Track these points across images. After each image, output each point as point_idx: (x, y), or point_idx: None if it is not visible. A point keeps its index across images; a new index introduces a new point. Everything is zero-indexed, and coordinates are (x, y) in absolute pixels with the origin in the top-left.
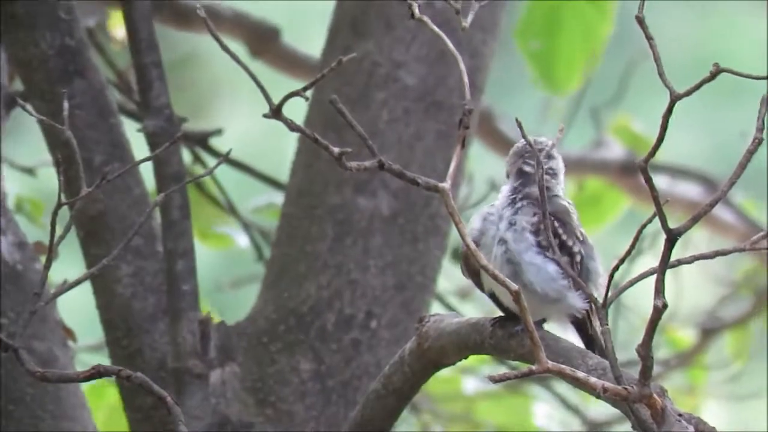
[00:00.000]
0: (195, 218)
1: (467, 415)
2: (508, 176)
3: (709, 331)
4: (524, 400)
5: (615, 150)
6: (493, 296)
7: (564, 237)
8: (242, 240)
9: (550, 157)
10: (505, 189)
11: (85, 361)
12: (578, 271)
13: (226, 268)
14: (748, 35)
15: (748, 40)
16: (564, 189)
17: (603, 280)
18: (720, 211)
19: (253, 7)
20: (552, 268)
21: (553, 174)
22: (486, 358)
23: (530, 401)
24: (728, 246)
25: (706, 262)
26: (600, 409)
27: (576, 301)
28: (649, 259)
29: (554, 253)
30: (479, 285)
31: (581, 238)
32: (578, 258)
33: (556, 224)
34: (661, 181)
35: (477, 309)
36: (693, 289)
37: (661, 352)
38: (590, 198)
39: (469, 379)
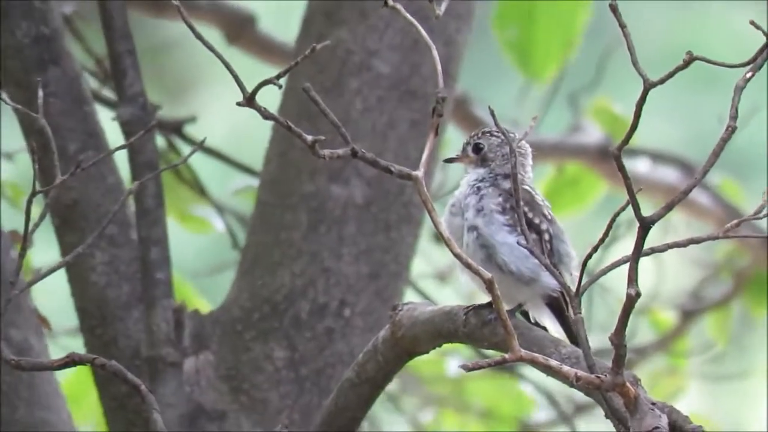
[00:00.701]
0: (172, 201)
1: (456, 396)
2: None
3: (689, 313)
4: (513, 381)
5: (593, 135)
6: None
7: (530, 215)
8: (219, 224)
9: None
10: (467, 177)
11: (64, 345)
12: (548, 251)
13: (204, 255)
14: (723, 24)
15: (722, 28)
16: (531, 177)
17: (575, 264)
18: (698, 196)
19: None
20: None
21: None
22: None
23: (517, 382)
24: (706, 231)
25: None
26: (579, 394)
27: (551, 281)
28: (627, 245)
29: (524, 236)
30: None
31: (549, 218)
32: (546, 236)
33: (526, 208)
34: (640, 165)
35: (455, 293)
36: (673, 272)
37: (643, 334)
38: (569, 182)
39: (454, 360)
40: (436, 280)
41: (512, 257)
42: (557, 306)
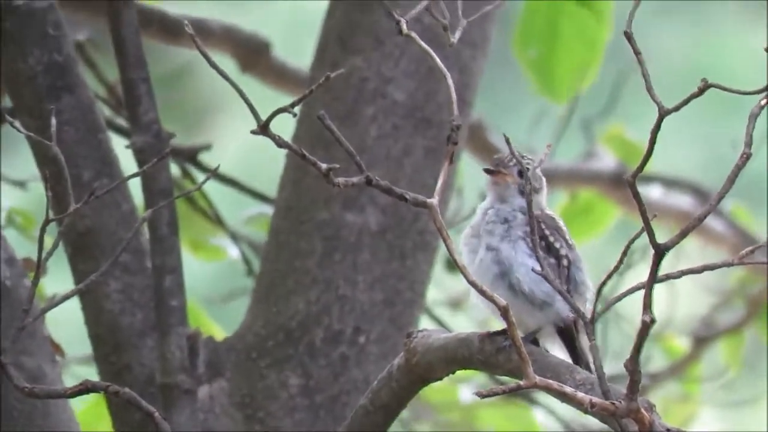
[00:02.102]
0: (186, 231)
1: (468, 423)
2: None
3: (702, 340)
4: (523, 409)
5: (606, 161)
6: None
7: (551, 239)
8: (233, 251)
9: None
10: (484, 205)
11: (77, 374)
12: (565, 277)
13: (218, 282)
14: (742, 44)
15: (741, 48)
16: (546, 206)
17: (590, 294)
18: (711, 222)
19: (244, 21)
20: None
21: (537, 190)
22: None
23: (529, 410)
24: (720, 257)
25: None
26: (593, 422)
27: (564, 307)
28: (641, 272)
29: (541, 265)
30: None
31: (569, 244)
32: (565, 262)
33: (544, 228)
34: (654, 191)
35: (468, 319)
36: (687, 298)
37: (655, 360)
38: (581, 209)
39: (466, 387)
40: (450, 307)
41: (527, 278)
42: (568, 334)
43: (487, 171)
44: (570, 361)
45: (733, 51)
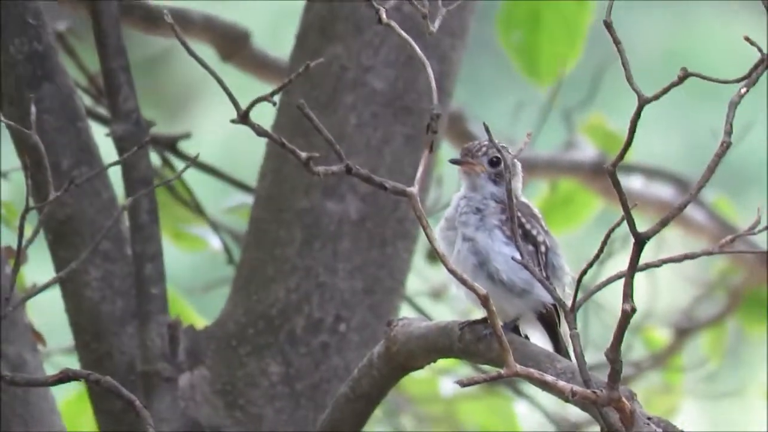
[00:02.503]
0: (166, 219)
1: (448, 416)
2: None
3: (683, 331)
4: (505, 401)
5: (587, 151)
6: None
7: (528, 226)
8: (215, 241)
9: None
10: (458, 195)
11: (58, 363)
12: (543, 263)
13: (198, 272)
14: (721, 32)
15: (720, 37)
16: (521, 193)
17: (568, 278)
18: (692, 212)
19: (224, 10)
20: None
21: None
22: (462, 360)
23: (510, 402)
24: (700, 247)
25: (681, 263)
26: (575, 412)
27: (544, 294)
28: (621, 261)
29: (518, 250)
30: None
31: (545, 230)
32: (543, 248)
33: (520, 215)
34: (635, 181)
35: (449, 310)
36: (668, 289)
37: (636, 352)
38: (562, 199)
39: (447, 379)
40: (431, 297)
41: (505, 267)
42: (549, 321)
43: (453, 162)
44: (551, 348)
45: (710, 41)
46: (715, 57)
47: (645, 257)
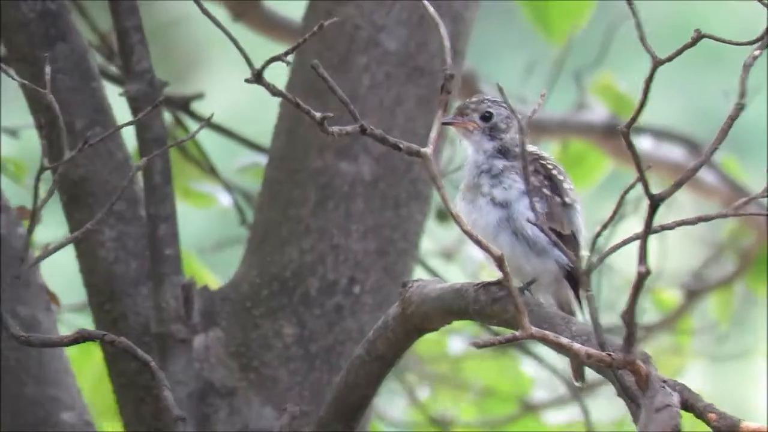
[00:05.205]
0: (178, 178)
1: (455, 375)
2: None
3: (693, 293)
4: (512, 361)
5: (598, 112)
6: None
7: (554, 172)
8: (225, 199)
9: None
10: (469, 160)
11: (70, 322)
12: (566, 220)
13: (211, 229)
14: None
15: (723, 5)
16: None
17: (582, 239)
18: (703, 174)
19: None
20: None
21: (505, 130)
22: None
23: (517, 361)
24: (711, 209)
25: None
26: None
27: (562, 256)
28: (633, 223)
29: (535, 211)
30: None
31: (571, 185)
32: (567, 200)
33: (550, 166)
34: (644, 143)
35: (461, 270)
36: (677, 251)
37: (646, 313)
38: (573, 159)
39: (455, 339)
40: (443, 258)
41: (529, 224)
42: (575, 280)
43: (445, 123)
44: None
45: (715, 7)
46: (718, 26)
47: (656, 219)
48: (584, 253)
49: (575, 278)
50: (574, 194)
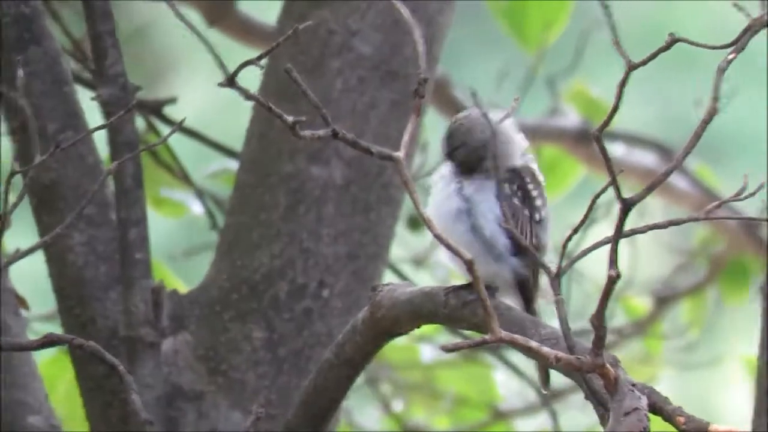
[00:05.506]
0: (149, 185)
1: (427, 383)
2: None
3: (664, 300)
4: (484, 369)
5: (571, 118)
6: None
7: (530, 186)
8: (196, 207)
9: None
10: (445, 171)
11: (38, 330)
12: (533, 233)
13: (181, 237)
14: (697, 5)
15: (696, 9)
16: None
17: (547, 254)
18: (675, 179)
19: None
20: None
21: (507, 141)
22: (443, 327)
23: (490, 369)
24: (683, 215)
25: (662, 231)
26: (557, 378)
27: (518, 265)
28: (604, 228)
29: (505, 215)
30: None
31: (545, 203)
32: (537, 217)
33: (526, 177)
34: (616, 149)
35: (431, 277)
36: (648, 257)
37: (616, 320)
38: (547, 165)
39: (427, 347)
40: (413, 264)
41: (493, 225)
42: (526, 291)
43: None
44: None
45: (688, 12)
46: (694, 29)
47: (627, 224)
48: (551, 262)
49: (527, 290)
50: (546, 212)
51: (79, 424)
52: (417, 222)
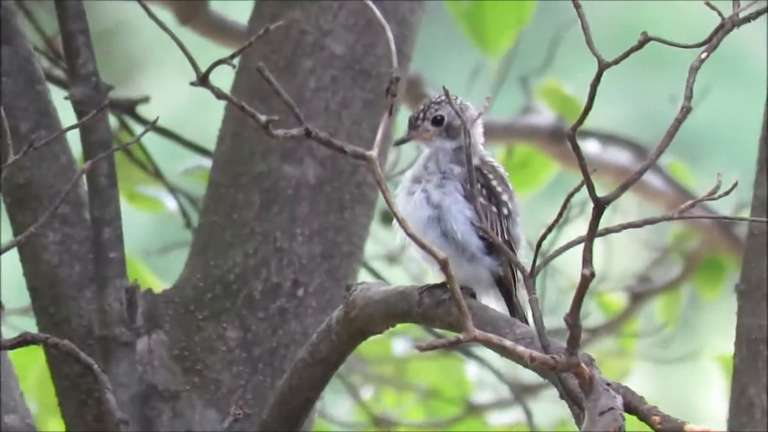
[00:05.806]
0: (122, 181)
1: (398, 376)
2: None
3: (638, 296)
4: (456, 362)
5: (544, 116)
6: None
7: (494, 183)
8: (171, 203)
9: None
10: (425, 155)
11: (15, 324)
12: (504, 228)
13: (156, 232)
14: (670, 4)
15: (669, 8)
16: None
17: (523, 249)
18: (649, 177)
19: None
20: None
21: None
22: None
23: (461, 363)
24: (657, 213)
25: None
26: (529, 375)
27: (492, 262)
28: (578, 226)
29: (479, 214)
30: None
31: (512, 193)
32: (505, 212)
33: (489, 175)
34: (590, 147)
35: (405, 274)
36: (623, 253)
37: (591, 316)
38: (519, 163)
39: (399, 340)
40: (386, 261)
41: (463, 227)
42: (506, 287)
43: (399, 143)
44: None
45: (661, 11)
46: (669, 28)
47: (601, 222)
48: (525, 260)
49: (507, 288)
50: (514, 205)
51: (51, 411)
52: (390, 216)
